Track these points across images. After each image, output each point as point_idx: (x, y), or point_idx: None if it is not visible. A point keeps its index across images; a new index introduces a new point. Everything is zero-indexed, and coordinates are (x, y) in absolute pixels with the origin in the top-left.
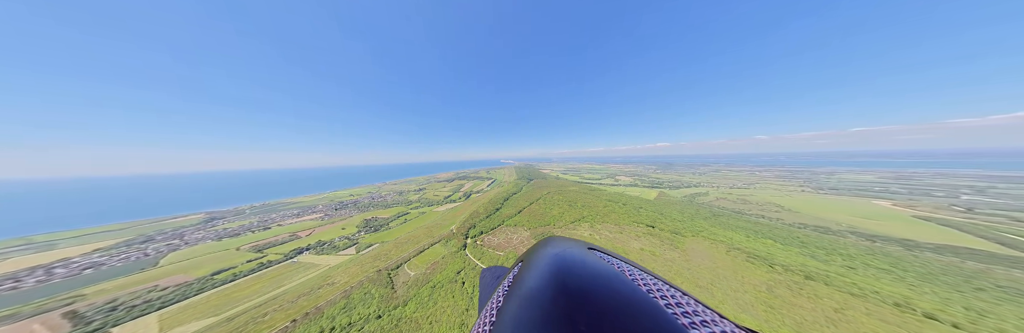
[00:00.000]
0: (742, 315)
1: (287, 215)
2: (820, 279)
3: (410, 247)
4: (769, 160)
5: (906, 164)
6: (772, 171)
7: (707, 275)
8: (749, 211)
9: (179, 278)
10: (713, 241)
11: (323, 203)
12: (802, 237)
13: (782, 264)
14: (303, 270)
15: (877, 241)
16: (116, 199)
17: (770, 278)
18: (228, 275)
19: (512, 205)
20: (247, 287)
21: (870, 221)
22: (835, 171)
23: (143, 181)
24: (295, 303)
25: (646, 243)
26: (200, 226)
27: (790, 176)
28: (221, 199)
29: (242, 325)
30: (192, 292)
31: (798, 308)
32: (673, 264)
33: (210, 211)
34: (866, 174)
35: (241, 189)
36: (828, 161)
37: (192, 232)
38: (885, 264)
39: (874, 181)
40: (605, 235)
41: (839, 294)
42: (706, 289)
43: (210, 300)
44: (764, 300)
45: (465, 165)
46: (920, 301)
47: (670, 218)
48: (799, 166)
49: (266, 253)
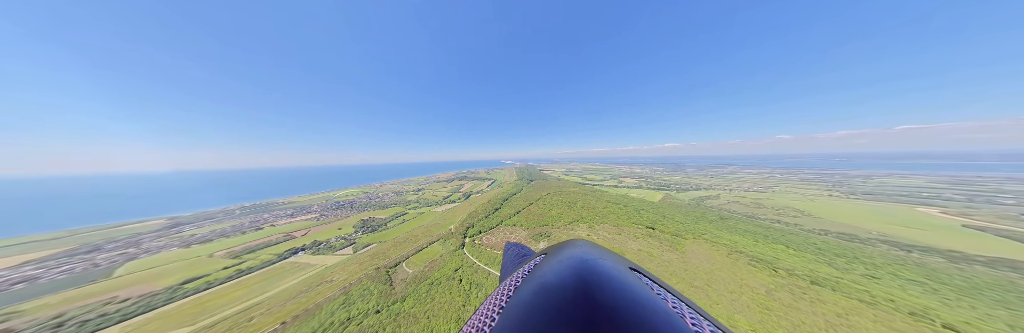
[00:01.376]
0: (736, 316)
1: (280, 216)
2: (827, 285)
3: (408, 246)
4: (792, 162)
5: (967, 167)
6: (795, 173)
7: (704, 276)
8: (763, 215)
9: (143, 288)
10: (714, 243)
11: (318, 203)
12: (820, 243)
13: (787, 269)
14: (298, 270)
15: (914, 251)
16: (59, 202)
17: (771, 282)
18: (202, 283)
19: (511, 205)
20: (226, 294)
21: (909, 229)
22: (872, 174)
23: (95, 181)
24: (295, 299)
25: (644, 244)
26: (161, 232)
27: (817, 179)
28: (196, 201)
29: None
30: (159, 303)
31: (796, 311)
32: (670, 265)
33: (173, 216)
34: (914, 178)
35: (220, 189)
36: (867, 163)
37: (152, 239)
38: (918, 275)
39: (923, 186)
40: (603, 236)
41: (846, 300)
42: (701, 290)
43: (183, 309)
44: (761, 302)
45: (465, 165)
46: (947, 313)
47: (672, 220)
48: (829, 168)
49: (244, 259)
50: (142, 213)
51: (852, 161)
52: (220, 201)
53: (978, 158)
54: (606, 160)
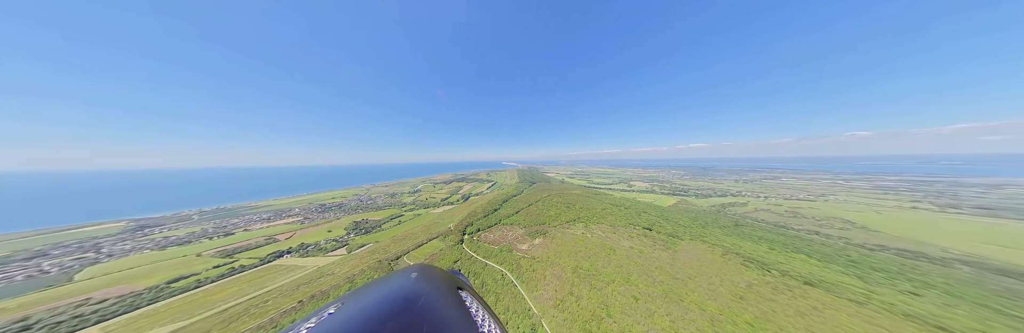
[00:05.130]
0: (707, 302)
1: (253, 220)
2: (822, 286)
3: (408, 242)
4: (871, 165)
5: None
6: (871, 180)
7: (688, 271)
8: (798, 226)
9: (122, 288)
10: (712, 245)
11: (300, 206)
12: (855, 256)
13: (781, 270)
14: (287, 272)
15: (1012, 276)
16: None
17: (758, 279)
18: (191, 281)
19: (510, 206)
20: (218, 291)
21: (1016, 251)
22: (1007, 183)
23: (46, 179)
24: (299, 289)
25: (637, 243)
26: (125, 235)
27: (902, 187)
28: (167, 202)
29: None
30: (143, 302)
31: (770, 302)
32: (658, 261)
33: (138, 218)
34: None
35: (171, 192)
36: (1000, 168)
37: (113, 243)
38: (992, 301)
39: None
40: (598, 234)
41: (834, 299)
42: (681, 281)
43: (171, 307)
44: (738, 293)
45: (463, 167)
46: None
47: (675, 224)
48: (932, 174)
49: (218, 264)
50: (89, 216)
51: (974, 166)
52: (174, 205)
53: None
54: (615, 162)
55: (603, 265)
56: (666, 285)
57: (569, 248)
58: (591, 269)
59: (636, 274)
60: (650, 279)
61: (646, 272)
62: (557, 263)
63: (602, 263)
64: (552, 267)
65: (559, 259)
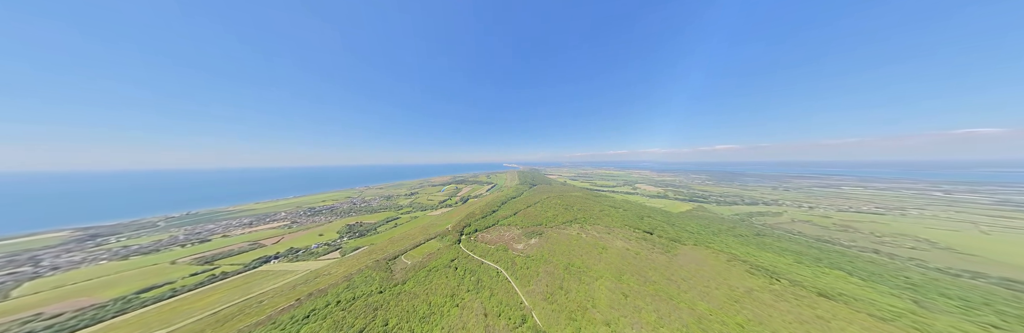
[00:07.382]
0: (699, 302)
1: (233, 225)
2: (841, 300)
3: (406, 243)
4: (991, 173)
5: None
6: (990, 193)
7: (684, 274)
8: (849, 241)
9: (81, 301)
10: (717, 252)
11: (287, 210)
12: (918, 279)
13: (792, 280)
14: (275, 277)
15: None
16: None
17: (761, 286)
18: (166, 291)
19: (509, 208)
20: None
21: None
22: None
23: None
24: (296, 289)
25: (633, 245)
26: (70, 246)
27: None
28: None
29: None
30: (108, 314)
31: (769, 308)
32: (654, 263)
33: (86, 227)
34: None
35: (136, 195)
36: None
37: (56, 255)
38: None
39: None
40: (593, 234)
41: (852, 313)
42: (675, 282)
43: (145, 317)
44: (734, 297)
45: (462, 169)
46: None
47: (679, 229)
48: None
49: (196, 271)
50: (17, 226)
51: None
52: (133, 211)
53: None
54: (624, 164)
55: (594, 262)
56: (658, 285)
57: (563, 247)
58: (582, 266)
59: (628, 273)
60: (643, 278)
61: (639, 272)
62: (550, 261)
63: (593, 261)
64: (545, 264)
65: (553, 257)
